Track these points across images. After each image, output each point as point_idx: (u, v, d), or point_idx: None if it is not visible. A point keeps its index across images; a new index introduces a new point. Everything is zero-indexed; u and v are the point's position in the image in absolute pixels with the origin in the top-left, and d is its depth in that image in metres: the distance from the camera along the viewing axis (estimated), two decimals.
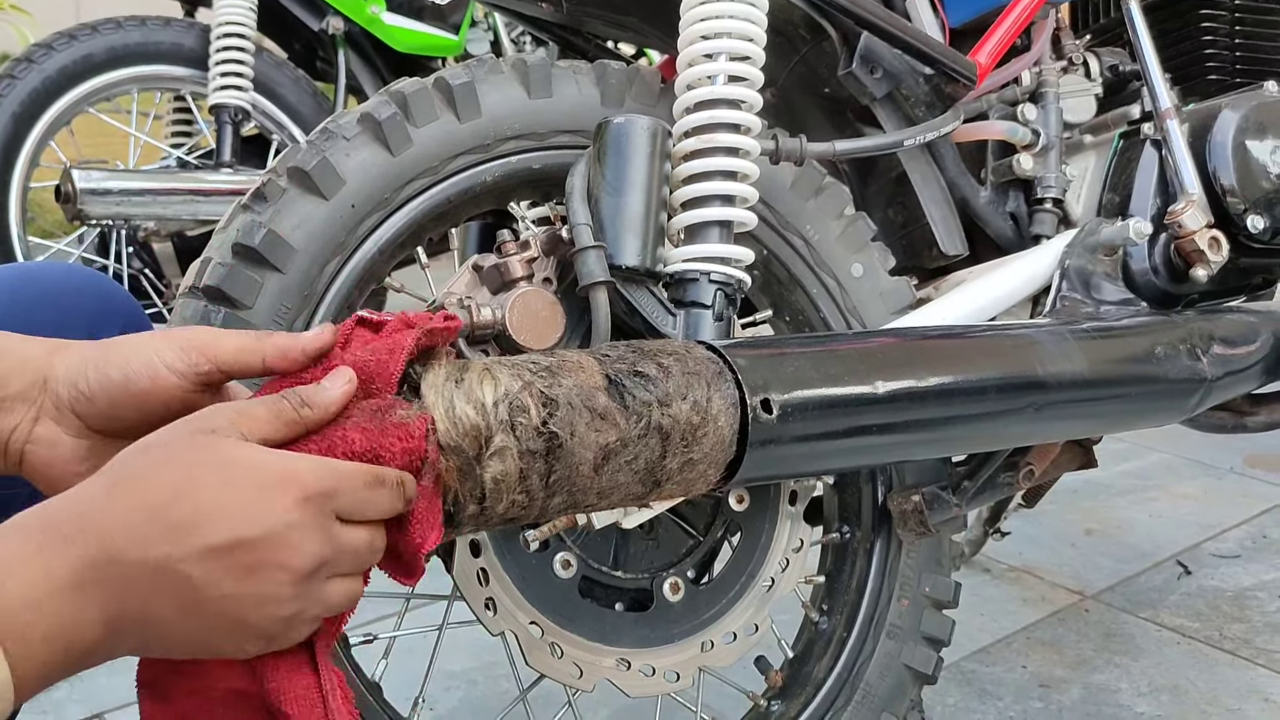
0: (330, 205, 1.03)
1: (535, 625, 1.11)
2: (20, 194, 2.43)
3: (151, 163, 2.80)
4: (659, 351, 0.87)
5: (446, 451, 0.72)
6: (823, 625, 1.31)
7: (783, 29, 1.32)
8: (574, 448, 0.78)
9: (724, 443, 0.88)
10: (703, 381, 0.87)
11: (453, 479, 0.73)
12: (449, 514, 0.74)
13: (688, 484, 0.88)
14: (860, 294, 1.29)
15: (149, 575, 0.58)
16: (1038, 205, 1.45)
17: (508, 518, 0.78)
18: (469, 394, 0.74)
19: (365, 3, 2.84)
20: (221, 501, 0.60)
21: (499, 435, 0.74)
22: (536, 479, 0.77)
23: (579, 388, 0.80)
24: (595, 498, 0.82)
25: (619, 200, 1.05)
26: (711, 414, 0.86)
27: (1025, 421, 1.14)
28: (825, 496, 1.33)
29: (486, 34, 3.15)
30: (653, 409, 0.83)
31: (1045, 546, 2.22)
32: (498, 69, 1.13)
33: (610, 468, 0.81)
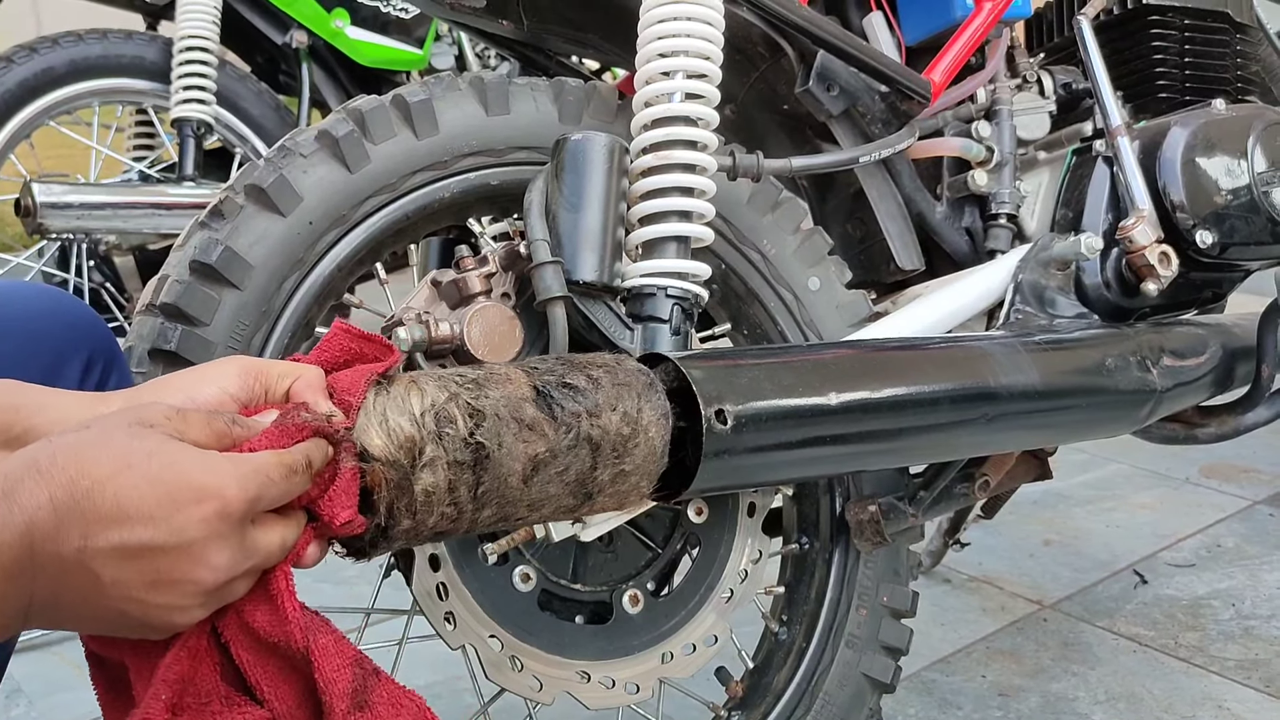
0: (288, 222, 1.04)
1: (495, 639, 1.12)
2: None
3: (113, 176, 2.78)
4: (589, 364, 0.88)
5: (385, 465, 0.72)
6: (782, 635, 1.32)
7: (742, 47, 1.34)
8: (502, 459, 0.78)
9: (655, 454, 0.88)
10: (633, 393, 0.87)
11: (390, 493, 0.73)
12: (382, 529, 0.74)
13: (621, 496, 0.88)
14: (817, 307, 1.30)
15: (60, 567, 0.58)
16: (992, 221, 1.47)
17: (437, 530, 0.78)
18: (399, 406, 0.74)
19: (329, 17, 2.84)
20: (142, 497, 0.59)
21: (429, 446, 0.74)
22: (465, 490, 0.76)
23: (506, 399, 0.80)
24: (526, 510, 0.82)
25: (576, 216, 1.06)
26: (642, 425, 0.86)
27: (978, 432, 1.16)
28: (784, 508, 1.34)
29: (451, 48, 3.15)
30: (582, 420, 0.83)
31: (1005, 557, 2.24)
32: (455, 86, 1.14)
33: (540, 479, 0.81)
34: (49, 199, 2.35)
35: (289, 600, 0.67)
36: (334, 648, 0.69)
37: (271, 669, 0.68)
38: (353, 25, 2.88)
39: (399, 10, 2.95)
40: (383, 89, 2.99)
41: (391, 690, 0.72)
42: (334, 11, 2.85)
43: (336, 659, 0.68)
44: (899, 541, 1.30)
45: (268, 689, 0.68)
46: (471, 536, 0.86)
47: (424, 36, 3.03)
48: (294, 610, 0.67)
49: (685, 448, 0.94)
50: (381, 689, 0.71)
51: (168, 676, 0.64)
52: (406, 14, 2.97)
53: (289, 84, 3.00)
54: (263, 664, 0.68)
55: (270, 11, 2.82)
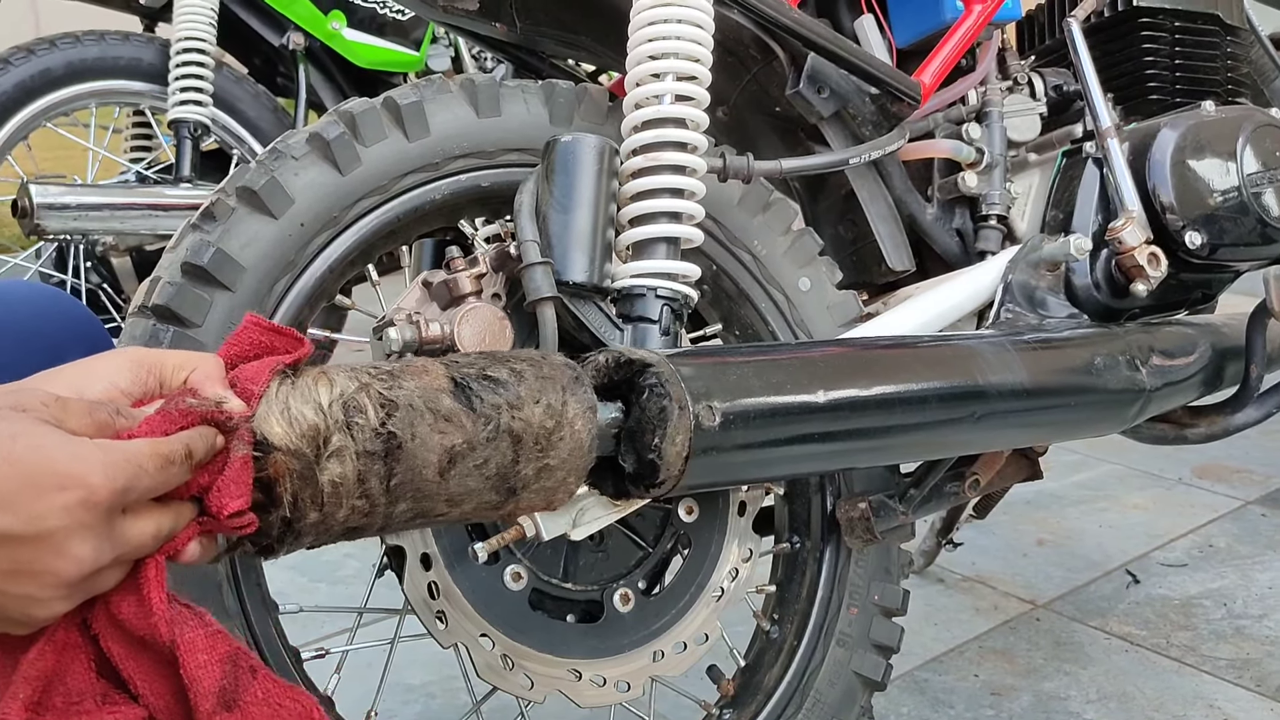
0: (279, 224, 1.04)
1: (487, 638, 1.12)
2: None
3: (110, 177, 2.79)
4: (513, 358, 0.86)
5: (287, 455, 0.70)
6: (774, 634, 1.33)
7: (733, 49, 1.34)
8: (415, 450, 0.76)
9: (582, 448, 0.86)
10: (557, 386, 0.85)
11: (293, 484, 0.70)
12: (288, 521, 0.71)
13: (548, 493, 0.86)
14: (808, 307, 1.31)
15: None
16: (983, 222, 1.48)
17: (349, 526, 0.76)
18: (305, 396, 0.73)
19: (326, 18, 2.85)
20: (1, 481, 0.57)
21: (336, 435, 0.72)
22: (376, 482, 0.75)
23: (421, 389, 0.78)
24: (445, 505, 0.80)
25: (567, 217, 1.07)
26: (567, 418, 0.85)
27: (966, 430, 1.17)
28: (775, 506, 1.35)
29: (448, 50, 3.16)
30: (502, 412, 0.81)
31: (998, 556, 2.25)
32: (446, 88, 1.15)
33: (458, 472, 0.79)
34: (46, 200, 2.36)
35: (156, 592, 0.64)
36: (204, 643, 0.66)
37: (145, 664, 0.65)
38: (349, 27, 2.88)
39: (395, 12, 2.96)
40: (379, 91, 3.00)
41: (271, 690, 0.69)
42: (330, 13, 2.86)
43: (205, 654, 0.65)
44: (890, 540, 1.30)
45: (142, 685, 0.65)
46: (395, 532, 0.83)
47: (420, 38, 3.03)
48: (160, 602, 0.64)
49: (638, 446, 0.93)
50: (258, 687, 0.68)
51: (29, 673, 0.61)
52: (403, 16, 2.98)
53: (286, 86, 3.00)
54: (135, 658, 0.65)
55: (267, 13, 2.82)
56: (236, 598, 1.02)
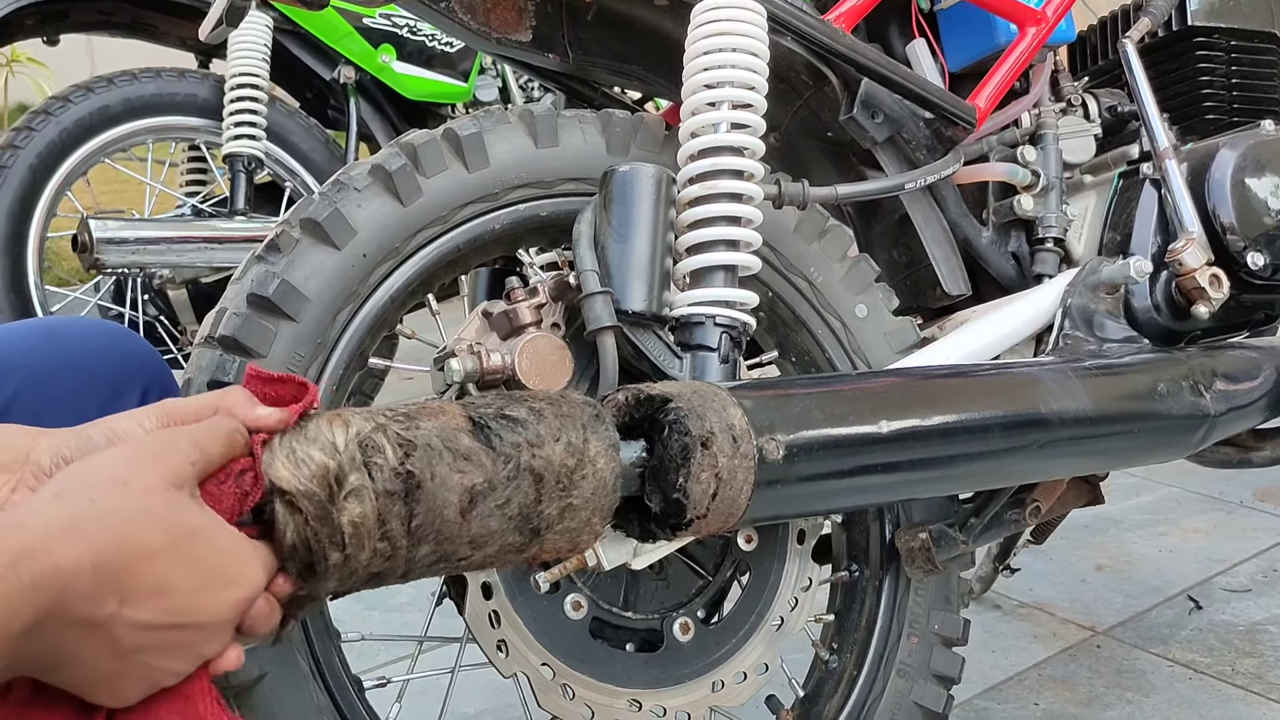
0: (342, 255, 1.05)
1: (547, 667, 1.12)
2: (38, 244, 2.46)
3: (166, 211, 2.84)
4: (531, 397, 0.85)
5: (297, 497, 0.69)
6: (833, 664, 1.32)
7: (785, 75, 1.35)
8: (435, 489, 0.75)
9: (606, 487, 0.84)
10: (577, 424, 0.83)
11: (309, 526, 0.70)
12: (311, 565, 0.71)
13: (573, 535, 0.83)
14: (865, 334, 1.30)
15: (84, 628, 0.58)
16: (1039, 245, 1.47)
17: (373, 570, 0.74)
18: (316, 438, 0.72)
19: (376, 52, 2.89)
20: (187, 577, 0.61)
21: (353, 474, 0.71)
22: (397, 524, 0.73)
23: (440, 429, 0.77)
24: (468, 548, 0.78)
25: (625, 246, 1.07)
26: (589, 455, 0.83)
27: (1029, 459, 1.16)
28: (833, 535, 1.34)
29: (495, 80, 3.20)
30: (522, 450, 0.80)
31: (1056, 582, 2.22)
32: (505, 119, 1.16)
33: (479, 512, 0.77)
34: (105, 235, 2.40)
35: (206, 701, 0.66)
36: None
37: None
38: (399, 60, 2.92)
39: (444, 45, 3.00)
40: (428, 122, 3.06)
41: None
42: (380, 47, 2.90)
43: None
44: (950, 569, 1.29)
45: None
46: (418, 578, 0.79)
47: (469, 70, 3.07)
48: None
49: (663, 485, 0.90)
50: None
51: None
52: (451, 48, 3.02)
53: (337, 118, 3.05)
54: None
55: (319, 48, 2.87)
56: (300, 626, 1.03)
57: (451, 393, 1.05)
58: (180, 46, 2.97)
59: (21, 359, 0.91)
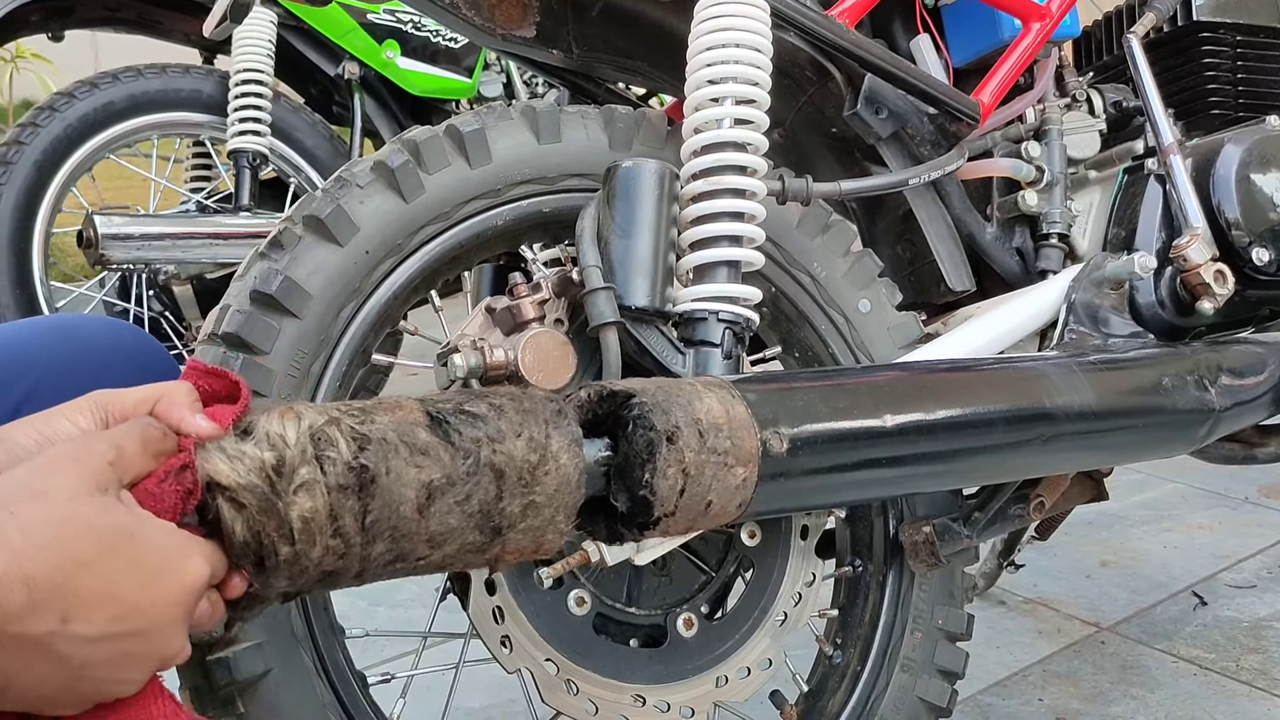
0: (345, 252, 1.05)
1: (551, 662, 1.12)
2: (43, 239, 2.46)
3: (171, 207, 2.84)
4: (492, 393, 0.83)
5: (238, 492, 0.67)
6: (837, 659, 1.32)
7: (789, 71, 1.34)
8: (391, 484, 0.72)
9: (570, 483, 0.82)
10: (539, 420, 0.81)
11: (256, 519, 0.68)
12: (260, 560, 0.69)
13: (536, 534, 0.81)
14: (868, 329, 1.30)
15: (23, 648, 0.56)
16: (1043, 240, 1.47)
17: (325, 569, 0.72)
18: (252, 431, 0.70)
19: (380, 48, 2.89)
20: (127, 583, 0.59)
21: (304, 468, 0.69)
22: (351, 519, 0.71)
23: (396, 424, 0.75)
24: (426, 547, 0.76)
25: (628, 242, 1.07)
26: (551, 451, 0.80)
27: (1033, 453, 1.16)
28: (837, 530, 1.34)
29: (499, 76, 3.20)
30: (482, 445, 0.77)
31: (1060, 578, 2.22)
32: (507, 116, 1.16)
33: (438, 509, 0.75)
34: (110, 230, 2.41)
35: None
36: None
37: None
38: (403, 56, 2.93)
39: (448, 40, 3.00)
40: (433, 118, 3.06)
41: None
42: (385, 43, 2.90)
43: None
44: (954, 563, 1.29)
45: None
46: (375, 579, 0.77)
47: (473, 65, 3.07)
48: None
49: (629, 483, 0.87)
50: None
51: None
52: (456, 44, 3.02)
53: (341, 114, 3.05)
54: None
55: (323, 44, 2.87)
56: (304, 622, 1.03)
57: (455, 389, 1.05)
58: (185, 42, 2.97)
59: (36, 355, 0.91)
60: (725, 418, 0.90)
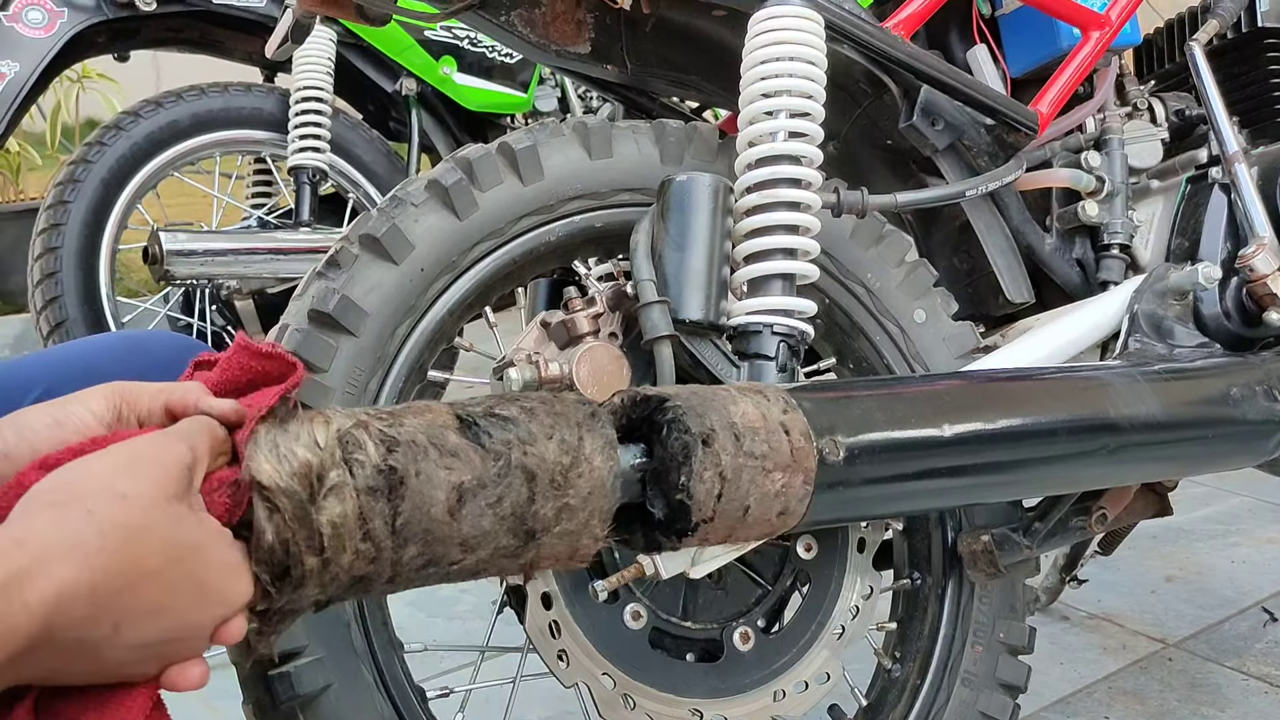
0: (401, 270, 1.07)
1: (608, 677, 1.12)
2: (110, 256, 2.51)
3: (233, 223, 2.89)
4: (524, 397, 0.82)
5: (276, 494, 0.67)
6: (896, 673, 1.30)
7: (843, 83, 1.34)
8: (421, 486, 0.72)
9: (604, 487, 0.80)
10: (571, 422, 0.80)
11: (287, 527, 0.67)
12: (286, 570, 0.68)
13: (571, 539, 0.80)
14: (923, 340, 1.29)
15: (78, 649, 0.57)
16: (1105, 251, 1.45)
17: (356, 575, 0.71)
18: (298, 434, 0.69)
19: (437, 64, 2.92)
20: (182, 598, 0.60)
21: (333, 471, 0.68)
22: (381, 523, 0.70)
23: (426, 426, 0.74)
24: (459, 550, 0.75)
25: (682, 256, 1.07)
26: (584, 454, 0.79)
27: (1097, 464, 1.14)
28: (894, 542, 1.33)
29: (554, 91, 3.21)
30: (513, 447, 0.77)
31: (1125, 593, 2.18)
32: (559, 132, 1.16)
33: (469, 511, 0.74)
34: (175, 246, 2.45)
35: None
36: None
37: None
38: (459, 71, 2.95)
39: (503, 56, 3.02)
40: (488, 132, 3.09)
41: None
42: (442, 59, 2.93)
43: None
44: (1014, 575, 1.27)
45: None
46: (408, 586, 0.77)
47: (528, 80, 3.09)
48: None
49: (665, 488, 0.86)
50: None
51: None
52: (511, 59, 3.04)
53: (399, 130, 3.08)
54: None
55: (381, 61, 2.91)
56: (364, 636, 1.04)
57: None
58: (246, 61, 3.02)
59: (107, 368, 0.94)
60: (761, 422, 0.89)
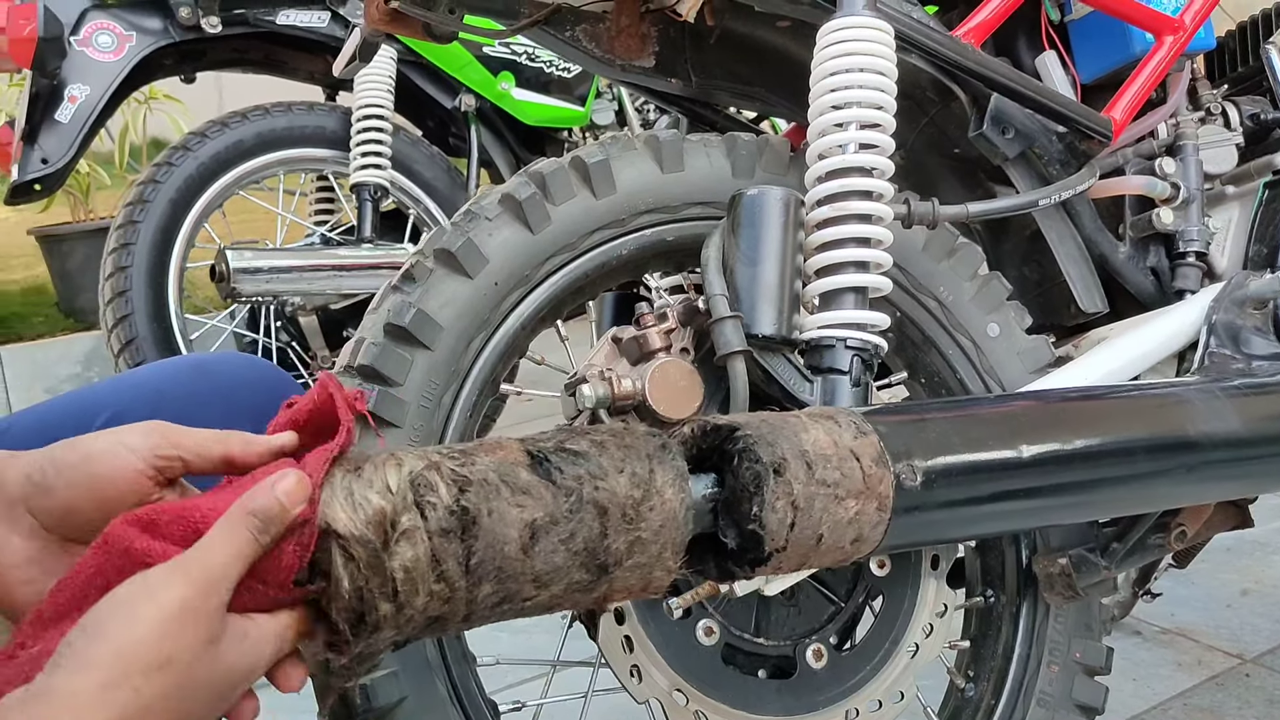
0: (475, 284, 1.07)
1: (680, 693, 1.12)
2: (178, 274, 2.55)
3: (296, 240, 2.93)
4: (594, 430, 0.82)
5: (351, 543, 0.67)
6: (969, 692, 1.28)
7: (910, 93, 1.33)
8: (493, 525, 0.72)
9: (675, 519, 0.80)
10: (641, 455, 0.80)
11: (360, 574, 0.67)
12: (360, 616, 0.68)
13: (644, 571, 0.80)
14: (997, 354, 1.27)
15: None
16: (1180, 259, 1.42)
17: (431, 615, 0.71)
18: (371, 480, 0.70)
19: (496, 80, 2.94)
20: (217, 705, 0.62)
21: (405, 516, 0.68)
22: (454, 564, 0.70)
23: (497, 464, 0.75)
24: (532, 587, 0.75)
25: (754, 270, 1.06)
26: (655, 486, 0.79)
27: (1177, 483, 1.11)
28: (967, 560, 1.31)
29: (611, 104, 3.23)
30: (584, 483, 0.76)
31: (1199, 608, 2.13)
32: (631, 146, 1.16)
33: (542, 548, 0.74)
34: (241, 264, 2.49)
35: None
36: None
37: None
38: (518, 87, 2.97)
39: (561, 70, 3.04)
40: (546, 147, 3.10)
41: None
42: (500, 75, 2.95)
43: None
44: (1091, 595, 1.25)
45: None
46: (483, 623, 0.77)
47: (585, 94, 3.10)
48: None
49: (737, 517, 0.86)
50: None
51: None
52: (569, 74, 3.05)
53: (458, 146, 3.10)
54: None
55: (441, 78, 2.94)
56: (438, 650, 1.05)
57: (583, 418, 1.05)
58: (308, 80, 3.06)
59: (172, 391, 0.95)
60: (833, 449, 0.88)
